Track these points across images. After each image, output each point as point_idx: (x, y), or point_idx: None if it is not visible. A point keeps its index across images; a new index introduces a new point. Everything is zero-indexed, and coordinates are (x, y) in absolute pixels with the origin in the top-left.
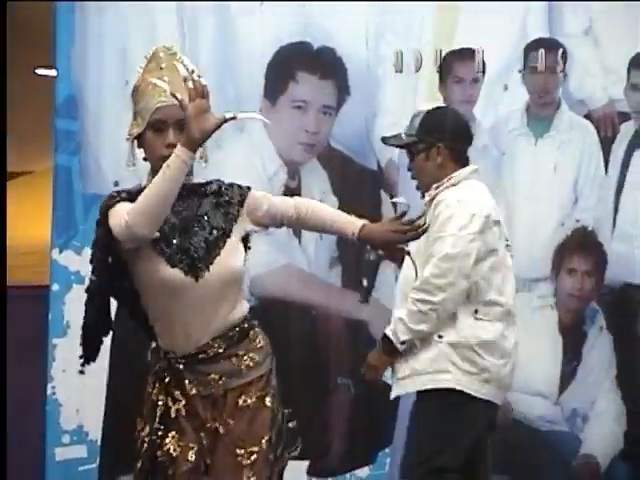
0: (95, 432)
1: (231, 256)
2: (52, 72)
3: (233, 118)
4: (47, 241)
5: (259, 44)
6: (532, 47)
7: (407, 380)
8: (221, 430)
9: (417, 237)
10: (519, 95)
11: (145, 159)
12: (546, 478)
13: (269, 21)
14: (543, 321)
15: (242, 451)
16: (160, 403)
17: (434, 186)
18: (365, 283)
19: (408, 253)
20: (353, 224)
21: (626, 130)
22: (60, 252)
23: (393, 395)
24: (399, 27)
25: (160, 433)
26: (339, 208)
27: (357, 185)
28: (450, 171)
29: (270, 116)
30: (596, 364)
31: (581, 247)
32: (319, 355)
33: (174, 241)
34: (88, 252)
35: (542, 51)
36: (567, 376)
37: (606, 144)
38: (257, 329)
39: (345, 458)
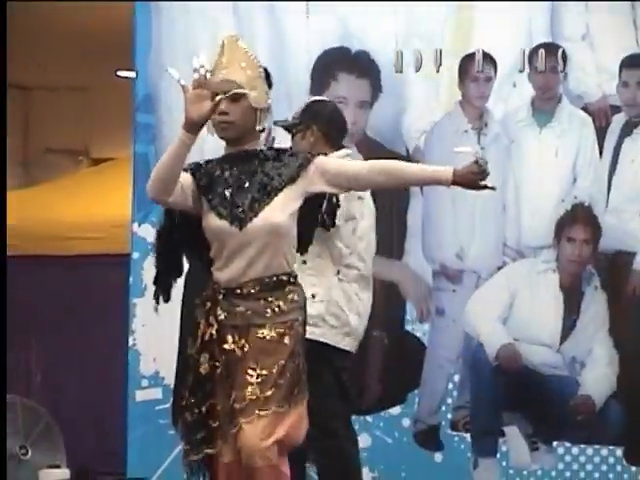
0: (169, 377)
1: (276, 212)
2: (132, 74)
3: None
4: (128, 216)
5: (305, 46)
6: (536, 50)
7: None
8: (238, 353)
9: (486, 176)
10: (525, 91)
11: None
12: (549, 415)
13: (314, 26)
14: (546, 282)
15: (252, 372)
16: (200, 327)
17: None
18: None
19: (493, 188)
20: (443, 171)
21: (618, 121)
22: (139, 225)
23: None
24: (423, 31)
25: (198, 353)
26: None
27: None
28: (321, 151)
29: None
30: (592, 318)
31: (579, 219)
32: None
33: (226, 197)
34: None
35: (543, 53)
36: (567, 328)
37: (600, 133)
38: (297, 287)
39: (379, 398)
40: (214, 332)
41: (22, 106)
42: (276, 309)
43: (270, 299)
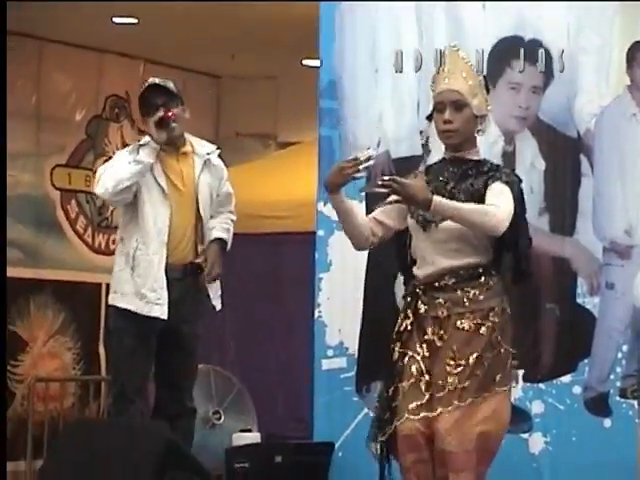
0: (353, 347)
1: None
2: (316, 62)
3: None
4: (314, 196)
5: (482, 37)
6: None
7: None
8: (438, 343)
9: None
10: None
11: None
12: None
13: (490, 16)
14: None
15: (452, 362)
16: (399, 320)
17: None
18: None
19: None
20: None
21: None
22: (324, 205)
23: None
24: (594, 20)
25: (394, 342)
26: (545, 171)
27: (560, 150)
28: None
29: (490, 96)
30: None
31: None
32: (531, 286)
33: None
34: None
35: None
36: None
37: None
38: (493, 277)
39: (552, 367)
40: (409, 324)
41: (213, 93)
42: (472, 297)
43: (466, 288)
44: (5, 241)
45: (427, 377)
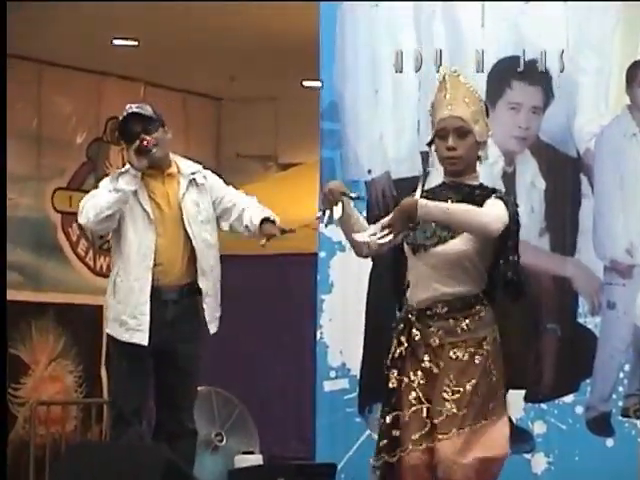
0: (355, 369)
1: (452, 245)
2: (317, 84)
3: None
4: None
5: (480, 54)
6: None
7: None
8: (434, 370)
9: None
10: None
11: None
12: None
13: (488, 35)
14: None
15: (448, 389)
16: (392, 346)
17: None
18: None
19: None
20: None
21: None
22: (326, 226)
23: None
24: (593, 37)
25: (388, 369)
26: (546, 190)
27: (560, 170)
28: None
29: (490, 116)
30: None
31: None
32: (532, 305)
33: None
34: None
35: None
36: None
37: None
38: (485, 306)
39: (554, 387)
40: (403, 350)
41: (214, 115)
42: (465, 327)
43: (460, 317)
44: (5, 240)
45: (427, 404)
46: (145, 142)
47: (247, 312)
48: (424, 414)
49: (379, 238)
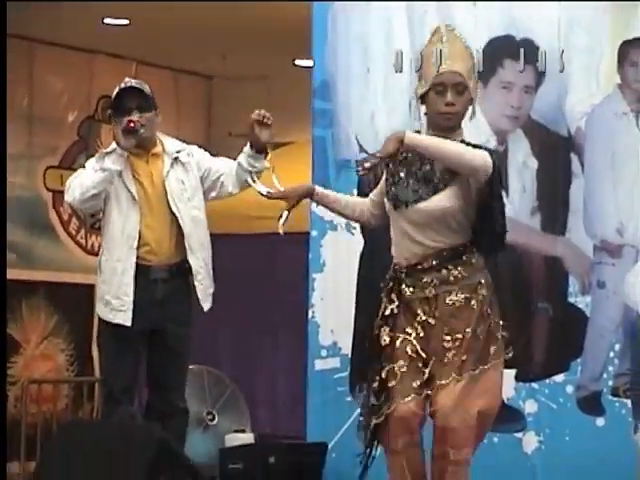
0: (346, 348)
1: (436, 201)
2: (309, 62)
3: None
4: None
5: (473, 37)
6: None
7: None
8: (431, 321)
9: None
10: None
11: (425, 114)
12: None
13: (481, 16)
14: None
15: (448, 337)
16: (382, 305)
17: None
18: None
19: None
20: None
21: None
22: (317, 205)
23: None
24: (584, 17)
25: (379, 327)
26: (537, 170)
27: (552, 149)
28: None
29: (483, 95)
30: None
31: None
32: (523, 285)
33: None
34: None
35: None
36: None
37: None
38: (474, 253)
39: (545, 366)
40: (395, 308)
41: (205, 94)
42: (458, 275)
43: (450, 267)
44: (5, 240)
45: (424, 355)
46: (132, 124)
47: (239, 291)
48: (420, 364)
49: (367, 164)
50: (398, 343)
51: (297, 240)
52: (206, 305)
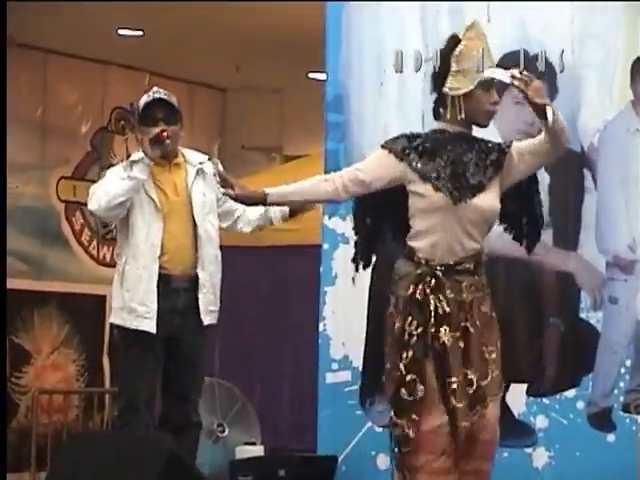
0: (357, 361)
1: (485, 199)
2: (322, 75)
3: None
4: (320, 209)
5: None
6: None
7: None
8: (471, 330)
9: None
10: None
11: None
12: None
13: (494, 29)
14: None
15: (485, 348)
16: (431, 302)
17: None
18: None
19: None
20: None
21: None
22: (329, 218)
23: None
24: (598, 32)
25: (434, 327)
26: (550, 185)
27: (564, 165)
28: None
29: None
30: None
31: None
32: (535, 300)
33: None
34: (351, 218)
35: None
36: None
37: None
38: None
39: (556, 381)
40: (444, 306)
41: (218, 106)
42: (483, 282)
43: (480, 274)
44: (5, 239)
45: (469, 373)
46: (164, 133)
47: (251, 304)
48: (469, 377)
49: None
50: (449, 347)
51: (309, 253)
52: (207, 320)
